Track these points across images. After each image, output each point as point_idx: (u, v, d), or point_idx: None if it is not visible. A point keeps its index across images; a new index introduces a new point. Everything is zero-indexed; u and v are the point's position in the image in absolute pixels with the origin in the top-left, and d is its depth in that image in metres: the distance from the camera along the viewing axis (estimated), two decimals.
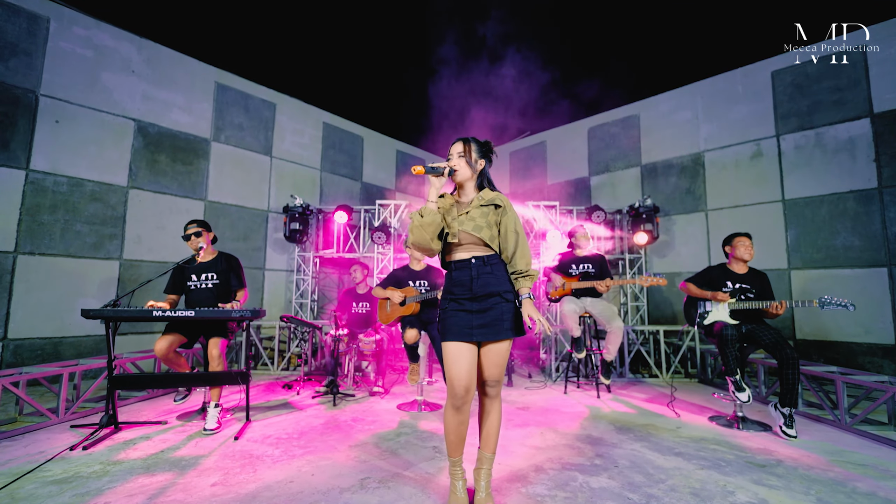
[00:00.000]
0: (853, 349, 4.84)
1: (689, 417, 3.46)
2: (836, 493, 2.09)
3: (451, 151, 2.00)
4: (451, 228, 1.94)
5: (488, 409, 1.95)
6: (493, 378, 1.90)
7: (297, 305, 6.41)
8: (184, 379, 3.17)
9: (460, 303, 1.91)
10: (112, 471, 2.32)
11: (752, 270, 3.45)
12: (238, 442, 2.79)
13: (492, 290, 1.89)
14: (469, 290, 1.90)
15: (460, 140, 2.00)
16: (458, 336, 1.86)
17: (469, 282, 1.90)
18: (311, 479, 2.23)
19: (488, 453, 1.93)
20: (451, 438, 1.91)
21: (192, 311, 2.88)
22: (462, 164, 1.96)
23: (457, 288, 1.93)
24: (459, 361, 1.85)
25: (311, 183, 7.08)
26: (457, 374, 1.84)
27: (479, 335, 1.86)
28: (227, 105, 6.11)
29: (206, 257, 3.42)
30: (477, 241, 1.92)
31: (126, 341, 5.05)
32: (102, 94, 4.98)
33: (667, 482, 2.21)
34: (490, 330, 1.86)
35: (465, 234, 1.93)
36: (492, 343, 1.87)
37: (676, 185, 6.46)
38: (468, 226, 1.92)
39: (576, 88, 7.09)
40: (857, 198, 4.92)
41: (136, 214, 5.18)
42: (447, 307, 1.94)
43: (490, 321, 1.86)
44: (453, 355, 1.86)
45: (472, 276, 1.91)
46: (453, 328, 1.88)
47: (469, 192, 2.02)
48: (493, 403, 1.95)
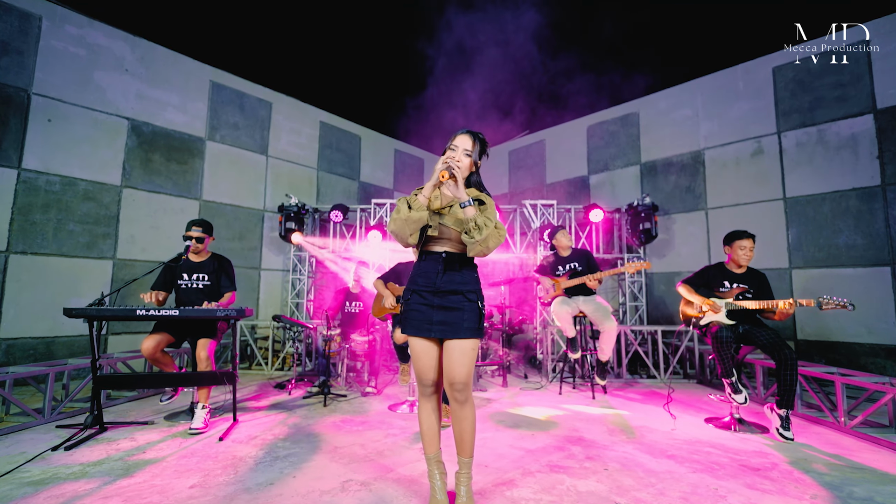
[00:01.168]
0: (855, 350, 4.75)
1: (684, 419, 3.39)
2: (832, 499, 2.02)
3: (458, 144, 1.89)
4: (431, 221, 1.87)
5: (459, 415, 1.83)
6: (460, 380, 1.77)
7: (293, 305, 6.37)
8: (169, 379, 3.14)
9: (422, 295, 1.86)
10: (91, 472, 2.28)
11: (750, 270, 3.37)
12: (222, 443, 2.75)
13: (456, 287, 1.84)
14: (433, 284, 1.85)
15: (469, 134, 1.90)
16: (418, 330, 1.84)
17: (434, 275, 1.86)
18: (292, 481, 2.18)
19: (465, 458, 1.86)
20: (424, 429, 1.90)
21: (175, 311, 2.84)
22: (467, 161, 1.89)
23: (421, 279, 1.88)
24: (423, 358, 1.85)
25: (307, 182, 7.05)
26: (422, 369, 1.86)
27: (437, 332, 1.81)
28: (223, 104, 6.09)
29: (200, 257, 3.39)
30: (455, 237, 1.86)
31: (120, 341, 5.03)
32: (95, 93, 4.97)
33: (657, 486, 2.14)
34: (449, 328, 1.80)
35: (446, 228, 1.87)
36: (452, 340, 1.80)
37: (676, 184, 6.37)
38: (449, 220, 1.87)
39: (575, 86, 7.03)
40: (860, 195, 4.83)
41: (130, 214, 5.16)
42: (409, 298, 1.90)
43: (451, 319, 1.81)
44: (417, 351, 1.86)
45: (438, 269, 1.86)
46: (413, 321, 1.85)
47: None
48: (463, 409, 1.82)
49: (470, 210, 1.75)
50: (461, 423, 1.84)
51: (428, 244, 1.92)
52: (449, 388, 1.81)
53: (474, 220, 1.75)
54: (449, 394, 1.83)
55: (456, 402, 1.82)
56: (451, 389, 1.81)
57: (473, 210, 1.76)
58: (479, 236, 1.73)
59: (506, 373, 4.79)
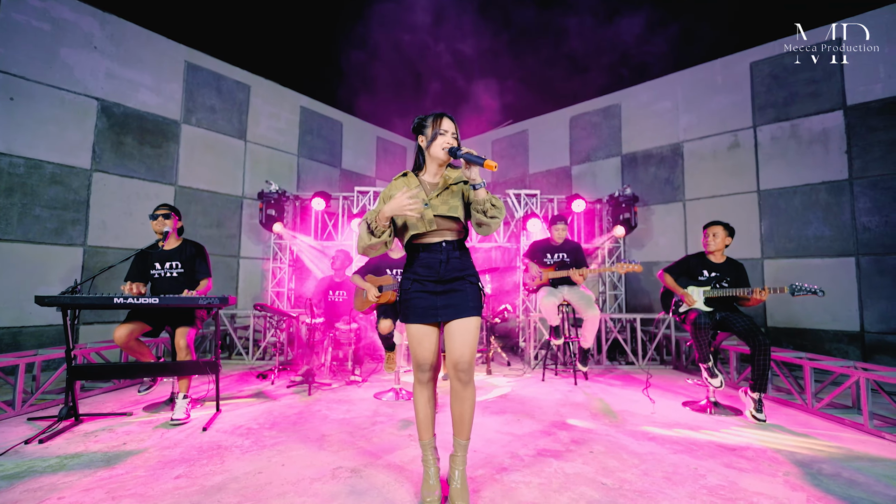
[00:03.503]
0: (821, 336, 4.99)
1: (663, 403, 3.50)
2: (802, 475, 2.13)
3: (446, 129, 1.83)
4: (425, 215, 1.82)
5: (461, 395, 1.82)
6: (465, 359, 1.77)
7: (273, 294, 6.26)
8: (149, 369, 3.04)
9: (424, 284, 1.85)
10: (69, 464, 2.21)
11: (728, 260, 3.48)
12: (206, 433, 2.70)
13: (458, 274, 1.85)
14: (437, 274, 1.84)
15: (448, 118, 1.85)
16: (423, 318, 1.83)
17: (438, 265, 1.84)
18: (280, 469, 2.17)
19: (462, 440, 1.85)
20: (420, 417, 1.90)
21: (155, 299, 2.76)
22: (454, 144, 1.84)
23: (423, 270, 1.86)
24: (424, 342, 1.84)
25: (287, 169, 6.90)
26: (422, 354, 1.85)
27: (444, 315, 1.82)
28: (199, 86, 5.87)
29: (171, 244, 3.28)
30: (450, 226, 1.86)
31: (92, 330, 4.86)
32: (62, 71, 4.71)
33: (640, 466, 2.21)
34: (454, 309, 1.81)
35: (442, 219, 1.85)
36: (457, 320, 1.80)
37: (656, 175, 6.50)
38: (442, 209, 1.84)
39: (558, 76, 7.05)
40: (829, 189, 5.03)
41: (101, 199, 4.94)
42: (409, 288, 1.87)
43: (455, 301, 1.82)
44: (417, 337, 1.85)
45: (441, 259, 1.84)
46: (417, 310, 1.84)
47: (438, 173, 1.91)
48: (466, 390, 1.82)
49: (483, 192, 1.75)
50: (462, 404, 1.83)
51: (423, 237, 1.88)
52: (453, 369, 1.80)
53: (490, 200, 1.76)
54: (452, 374, 1.81)
55: (459, 382, 1.81)
56: (456, 370, 1.79)
57: (485, 191, 1.76)
58: (501, 215, 1.80)
59: (489, 361, 4.84)
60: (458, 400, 1.84)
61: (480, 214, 1.79)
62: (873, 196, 4.75)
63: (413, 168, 1.99)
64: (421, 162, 1.95)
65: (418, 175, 1.94)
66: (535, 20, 5.65)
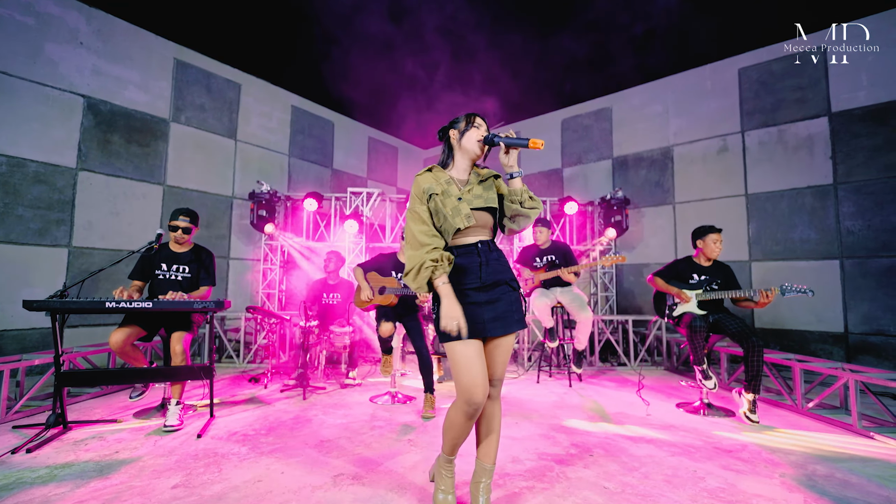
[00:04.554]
0: (806, 337, 5.10)
1: (657, 405, 3.55)
2: (798, 476, 2.17)
3: (480, 123, 1.79)
4: (461, 209, 1.68)
5: (491, 411, 1.72)
6: (499, 376, 1.70)
7: (264, 296, 6.18)
8: (142, 375, 2.98)
9: (467, 294, 1.67)
10: (60, 475, 2.14)
11: (716, 263, 3.54)
12: (201, 440, 2.65)
13: (499, 277, 1.71)
14: (478, 279, 1.68)
15: (482, 118, 1.81)
16: (471, 334, 1.62)
17: (478, 268, 1.69)
18: (280, 477, 2.14)
19: (488, 464, 1.72)
20: (459, 441, 1.72)
21: (149, 302, 2.69)
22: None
23: (463, 276, 1.69)
24: (475, 365, 1.59)
25: (278, 169, 6.81)
26: (474, 382, 1.57)
27: (492, 329, 1.65)
28: (188, 84, 5.76)
29: (182, 247, 3.21)
30: (485, 222, 1.74)
31: (77, 334, 4.72)
32: (46, 67, 4.58)
33: (640, 470, 2.24)
34: (502, 323, 1.66)
35: (479, 212, 1.71)
36: (502, 337, 1.68)
37: (646, 178, 6.58)
38: (478, 203, 1.71)
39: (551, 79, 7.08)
40: (814, 193, 5.15)
41: (87, 199, 4.82)
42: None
43: (501, 313, 1.67)
44: (468, 359, 1.59)
45: (480, 262, 1.70)
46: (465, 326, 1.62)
47: (466, 170, 1.82)
48: (494, 405, 1.73)
49: (519, 181, 1.67)
50: (491, 421, 1.72)
51: (458, 238, 1.73)
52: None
53: (527, 190, 1.68)
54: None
55: (490, 399, 1.71)
56: (490, 386, 1.69)
57: (521, 181, 1.69)
58: (539, 206, 1.71)
59: None
60: (485, 417, 1.73)
61: (517, 205, 1.67)
62: (856, 200, 4.88)
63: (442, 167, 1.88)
64: (447, 159, 1.84)
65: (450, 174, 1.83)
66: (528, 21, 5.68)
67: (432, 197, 1.72)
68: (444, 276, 1.65)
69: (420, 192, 1.75)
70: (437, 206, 1.71)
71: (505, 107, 8.16)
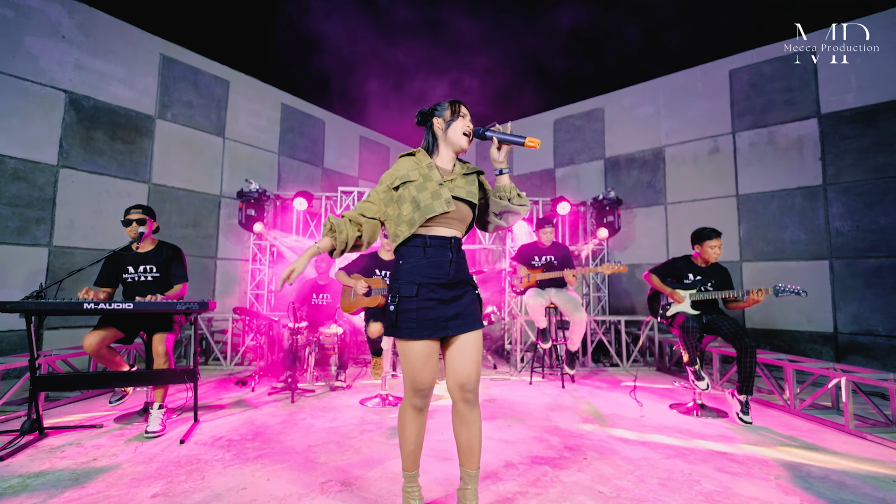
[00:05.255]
0: (796, 337, 5.13)
1: (650, 406, 3.52)
2: (793, 478, 2.15)
3: (466, 113, 1.71)
4: (441, 194, 1.58)
5: (469, 419, 1.61)
6: (473, 378, 1.58)
7: (252, 297, 6.07)
8: (122, 378, 2.87)
9: (433, 289, 1.58)
10: (33, 484, 2.05)
11: (713, 264, 3.52)
12: (184, 446, 2.56)
13: (463, 276, 1.65)
14: (447, 275, 1.60)
15: (465, 106, 1.73)
16: (433, 331, 1.56)
17: (447, 264, 1.60)
18: (265, 484, 2.06)
19: (472, 469, 1.63)
20: (411, 448, 1.67)
21: (129, 303, 2.60)
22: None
23: (430, 269, 1.59)
24: (430, 362, 1.58)
25: (268, 167, 6.70)
26: (427, 377, 1.59)
27: (454, 328, 1.58)
28: (175, 80, 5.64)
29: (146, 247, 3.10)
30: (463, 216, 1.66)
31: (58, 336, 4.59)
32: (26, 61, 4.44)
33: (635, 473, 2.20)
34: (464, 321, 1.60)
35: (457, 201, 1.61)
36: (466, 334, 1.60)
37: (638, 179, 6.59)
38: (462, 192, 1.63)
39: (543, 77, 7.08)
40: (804, 194, 5.18)
41: (69, 197, 4.68)
42: (415, 295, 1.57)
43: (463, 310, 1.61)
44: (422, 354, 1.57)
45: (451, 258, 1.61)
46: (426, 323, 1.56)
47: (451, 161, 1.73)
48: (473, 412, 1.61)
49: (507, 177, 1.61)
50: (470, 428, 1.61)
51: (434, 226, 1.62)
52: (459, 391, 1.59)
53: (514, 187, 1.64)
54: (458, 396, 1.60)
55: (467, 403, 1.60)
56: (463, 391, 1.58)
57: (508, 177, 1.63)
58: (528, 203, 1.67)
59: None
60: (464, 424, 1.62)
61: (506, 202, 1.61)
62: (846, 201, 4.91)
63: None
64: (431, 145, 1.74)
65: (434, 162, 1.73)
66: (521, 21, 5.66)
67: (405, 185, 1.63)
68: (329, 241, 1.63)
69: (391, 177, 1.68)
70: (404, 195, 1.62)
71: (497, 106, 8.14)
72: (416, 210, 1.59)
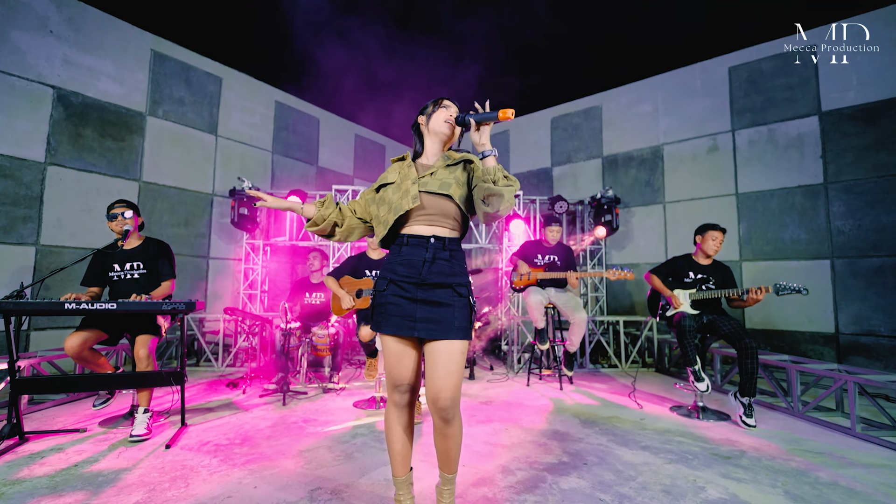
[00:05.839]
0: (797, 337, 5.07)
1: (650, 408, 3.45)
2: (801, 485, 2.07)
3: (448, 103, 1.68)
4: (409, 191, 1.57)
5: (445, 433, 1.53)
6: (447, 394, 1.45)
7: (245, 297, 5.97)
8: (106, 381, 2.77)
9: (402, 286, 1.55)
10: (9, 493, 1.95)
11: (715, 262, 3.47)
12: (170, 451, 2.46)
13: (445, 280, 1.54)
14: (417, 275, 1.54)
15: (450, 99, 1.70)
16: (397, 328, 1.52)
17: (420, 264, 1.54)
18: (252, 492, 1.97)
19: (449, 474, 1.59)
20: (397, 448, 1.60)
21: (112, 304, 2.51)
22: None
23: (403, 268, 1.56)
24: (402, 360, 1.56)
25: (261, 166, 6.60)
26: (399, 372, 1.56)
27: (422, 330, 1.50)
28: (166, 76, 5.53)
29: (132, 244, 3.01)
30: (444, 211, 1.58)
31: (45, 336, 4.47)
32: (13, 56, 4.33)
33: (637, 479, 2.12)
34: (436, 326, 1.49)
35: (429, 196, 1.56)
36: (439, 342, 1.49)
37: (636, 178, 6.52)
38: (433, 185, 1.56)
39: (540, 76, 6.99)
40: (805, 193, 5.12)
41: (56, 195, 4.57)
42: (385, 289, 1.57)
43: (437, 316, 1.51)
44: (394, 353, 1.56)
45: (426, 258, 1.55)
46: (390, 317, 1.53)
47: (436, 155, 1.70)
48: (450, 427, 1.51)
49: (492, 160, 1.48)
50: (447, 441, 1.55)
51: (410, 224, 1.60)
52: (433, 405, 1.48)
53: (501, 169, 1.48)
54: (432, 409, 1.49)
55: (442, 420, 1.50)
56: (436, 406, 1.47)
57: (495, 160, 1.48)
58: (516, 185, 1.46)
59: (472, 365, 4.71)
60: (441, 436, 1.55)
61: (489, 184, 1.44)
62: (847, 200, 4.85)
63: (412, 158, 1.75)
64: (419, 148, 1.74)
65: (416, 161, 1.72)
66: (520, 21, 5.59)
67: (384, 187, 1.68)
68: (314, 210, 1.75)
69: (378, 180, 1.73)
70: (383, 197, 1.66)
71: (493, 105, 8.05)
72: (389, 211, 1.61)
